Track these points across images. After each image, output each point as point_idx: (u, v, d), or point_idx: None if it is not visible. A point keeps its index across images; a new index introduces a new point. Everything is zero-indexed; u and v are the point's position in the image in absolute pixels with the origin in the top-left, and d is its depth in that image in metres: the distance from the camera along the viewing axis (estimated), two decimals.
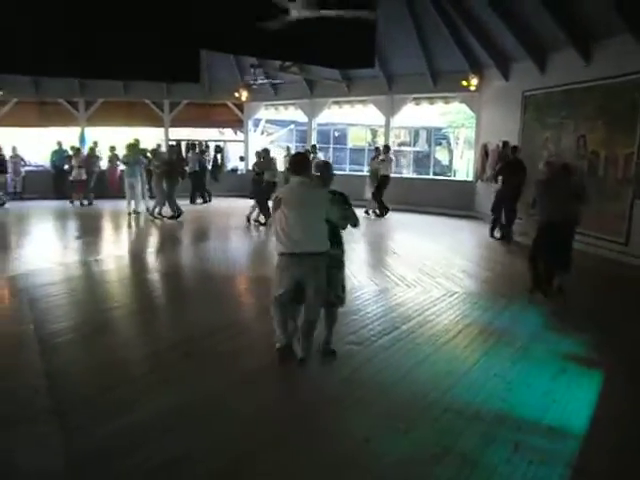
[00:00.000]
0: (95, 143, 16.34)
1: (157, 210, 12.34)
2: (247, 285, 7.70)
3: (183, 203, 12.94)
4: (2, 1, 5.24)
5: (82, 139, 16.83)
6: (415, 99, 14.79)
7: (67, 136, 16.67)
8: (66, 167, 15.49)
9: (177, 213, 12.29)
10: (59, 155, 16.13)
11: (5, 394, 3.89)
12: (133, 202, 13.00)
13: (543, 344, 5.05)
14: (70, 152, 15.73)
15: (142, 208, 13.08)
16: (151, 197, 13.24)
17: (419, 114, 16.75)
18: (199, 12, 6.24)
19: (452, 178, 17.64)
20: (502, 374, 4.34)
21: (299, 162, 4.40)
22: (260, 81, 14.81)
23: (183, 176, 13.55)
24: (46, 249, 9.49)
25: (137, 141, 13.51)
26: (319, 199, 4.25)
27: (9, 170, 15.40)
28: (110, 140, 16.68)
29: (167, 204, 12.31)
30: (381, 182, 13.05)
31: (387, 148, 13.65)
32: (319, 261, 4.23)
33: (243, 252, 9.85)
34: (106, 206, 14.68)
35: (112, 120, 17.03)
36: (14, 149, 15.74)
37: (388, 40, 12.42)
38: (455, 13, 11.49)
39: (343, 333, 5.03)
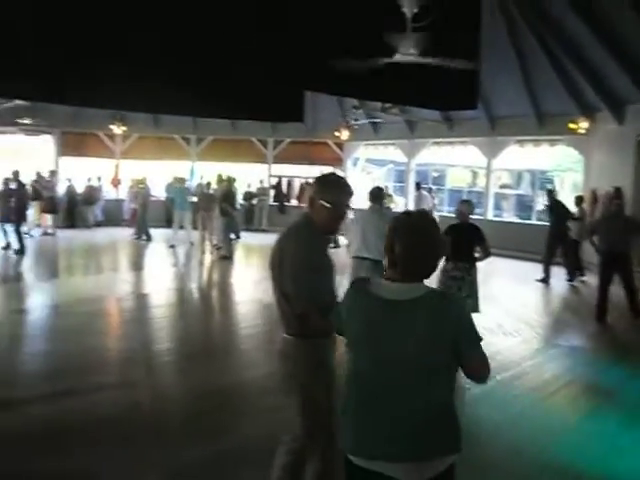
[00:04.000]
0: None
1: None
2: None
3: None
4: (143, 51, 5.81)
5: (192, 173, 18.00)
6: (519, 141, 14.39)
7: (179, 169, 17.86)
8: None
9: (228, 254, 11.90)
10: (172, 187, 17.19)
11: (110, 406, 4.16)
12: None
13: None
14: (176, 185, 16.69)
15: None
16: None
17: (522, 156, 16.27)
18: (304, 55, 6.56)
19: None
20: (610, 437, 4.00)
21: (372, 193, 6.26)
22: (361, 121, 15.13)
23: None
24: (154, 274, 10.14)
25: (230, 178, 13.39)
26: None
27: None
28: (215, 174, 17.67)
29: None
30: None
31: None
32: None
33: None
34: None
35: (220, 156, 18.09)
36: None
37: (491, 80, 12.25)
38: (563, 53, 11.17)
39: None
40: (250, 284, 9.65)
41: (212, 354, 5.68)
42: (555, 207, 10.60)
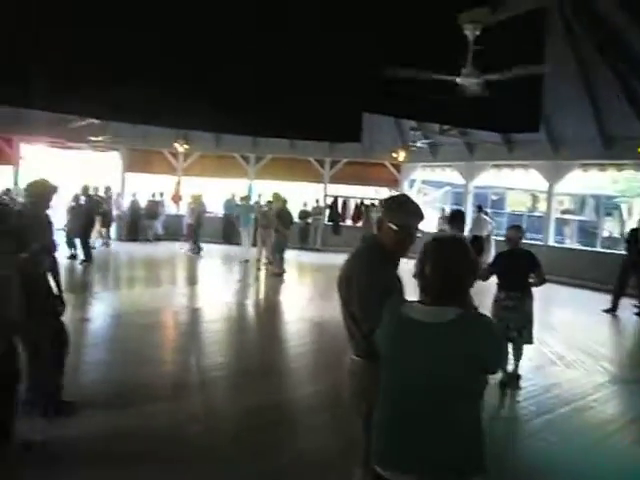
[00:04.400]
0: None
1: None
2: None
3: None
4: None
5: (250, 191, 18.38)
6: (583, 165, 13.91)
7: (237, 186, 18.31)
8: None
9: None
10: (230, 204, 17.63)
11: (164, 419, 4.25)
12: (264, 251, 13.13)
13: None
14: (239, 202, 17.18)
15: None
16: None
17: (586, 180, 15.71)
18: (364, 77, 6.63)
19: (623, 252, 16.04)
20: None
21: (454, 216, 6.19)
22: (419, 144, 15.05)
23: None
24: (209, 288, 10.36)
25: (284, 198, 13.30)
26: None
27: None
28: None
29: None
30: None
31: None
32: None
33: None
34: None
35: (277, 174, 18.40)
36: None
37: (554, 102, 11.93)
38: (630, 73, 10.76)
39: (491, 406, 4.74)
40: (300, 302, 9.70)
41: (264, 371, 5.71)
42: (635, 237, 10.12)
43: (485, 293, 5.68)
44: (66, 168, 17.85)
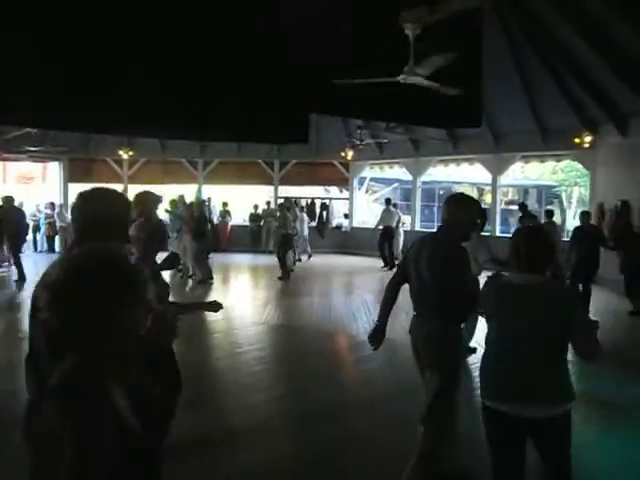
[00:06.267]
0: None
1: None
2: None
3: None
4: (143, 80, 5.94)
5: (200, 196, 18.15)
6: (524, 157, 14.43)
7: (186, 192, 18.00)
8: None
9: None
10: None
11: None
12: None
13: None
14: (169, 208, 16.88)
15: None
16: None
17: (528, 172, 16.31)
18: (310, 78, 6.65)
19: (565, 239, 16.73)
20: (633, 462, 3.88)
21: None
22: (366, 141, 15.24)
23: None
24: None
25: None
26: None
27: None
28: (223, 197, 17.86)
29: None
30: None
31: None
32: None
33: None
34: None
35: (227, 178, 18.25)
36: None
37: (495, 97, 12.34)
38: (564, 68, 11.25)
39: None
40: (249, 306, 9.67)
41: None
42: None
43: None
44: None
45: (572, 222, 19.00)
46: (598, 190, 12.95)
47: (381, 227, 14.35)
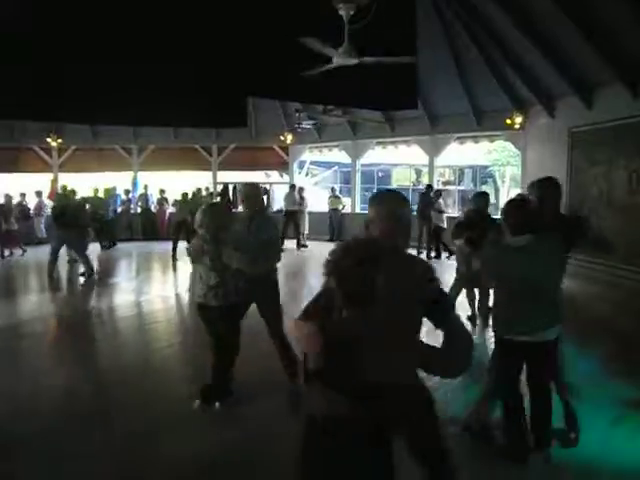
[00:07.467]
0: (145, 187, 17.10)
1: None
2: None
3: None
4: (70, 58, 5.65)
5: (135, 183, 17.61)
6: (459, 138, 14.80)
7: (122, 180, 17.44)
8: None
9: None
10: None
11: None
12: None
13: (600, 389, 4.69)
14: (123, 196, 16.45)
15: None
16: None
17: (464, 153, 16.75)
18: (246, 62, 6.54)
19: (498, 217, 17.36)
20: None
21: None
22: (304, 125, 15.18)
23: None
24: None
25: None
26: None
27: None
28: (160, 184, 17.37)
29: None
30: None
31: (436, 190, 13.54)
32: None
33: None
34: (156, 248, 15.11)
35: (163, 165, 17.75)
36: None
37: (430, 81, 12.57)
38: (497, 52, 11.57)
39: None
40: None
41: None
42: None
43: None
44: None
45: (505, 200, 19.74)
46: (529, 169, 13.48)
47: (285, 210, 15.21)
